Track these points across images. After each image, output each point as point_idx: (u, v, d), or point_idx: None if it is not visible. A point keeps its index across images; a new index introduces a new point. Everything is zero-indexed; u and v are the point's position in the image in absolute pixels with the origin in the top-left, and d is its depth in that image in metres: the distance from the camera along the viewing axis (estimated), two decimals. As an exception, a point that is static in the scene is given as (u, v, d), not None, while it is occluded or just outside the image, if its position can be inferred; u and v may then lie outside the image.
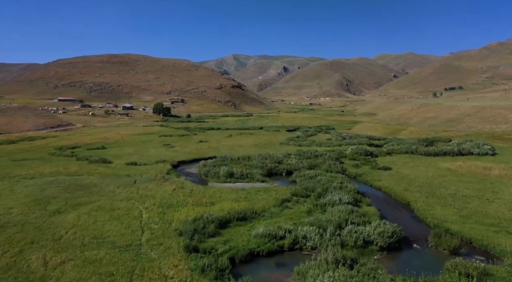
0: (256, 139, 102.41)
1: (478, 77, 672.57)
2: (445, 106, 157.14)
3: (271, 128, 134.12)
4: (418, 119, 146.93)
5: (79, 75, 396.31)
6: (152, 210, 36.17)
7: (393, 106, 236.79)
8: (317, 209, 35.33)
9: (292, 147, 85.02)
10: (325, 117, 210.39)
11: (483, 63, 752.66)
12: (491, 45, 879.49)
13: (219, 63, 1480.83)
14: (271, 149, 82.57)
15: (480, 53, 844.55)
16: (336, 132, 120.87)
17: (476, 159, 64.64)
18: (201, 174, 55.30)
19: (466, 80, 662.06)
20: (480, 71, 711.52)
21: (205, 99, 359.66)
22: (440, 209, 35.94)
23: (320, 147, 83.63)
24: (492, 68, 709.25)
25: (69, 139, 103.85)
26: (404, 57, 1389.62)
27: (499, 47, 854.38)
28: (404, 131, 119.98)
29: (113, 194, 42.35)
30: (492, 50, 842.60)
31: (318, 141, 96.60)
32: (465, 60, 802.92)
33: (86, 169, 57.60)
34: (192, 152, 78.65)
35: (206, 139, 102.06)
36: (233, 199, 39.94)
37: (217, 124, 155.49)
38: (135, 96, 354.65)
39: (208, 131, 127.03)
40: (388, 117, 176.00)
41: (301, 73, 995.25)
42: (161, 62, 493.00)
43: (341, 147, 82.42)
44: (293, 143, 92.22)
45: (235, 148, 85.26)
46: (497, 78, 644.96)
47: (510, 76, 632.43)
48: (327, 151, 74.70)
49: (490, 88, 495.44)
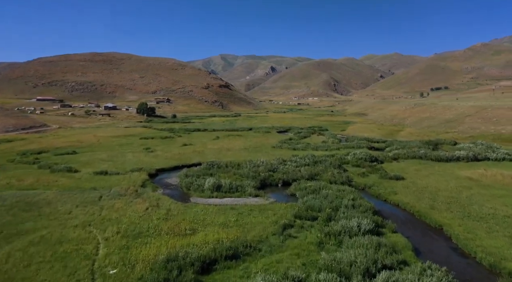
0: (245, 142, 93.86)
1: (463, 77, 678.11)
2: (440, 106, 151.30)
3: (261, 130, 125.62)
4: (414, 120, 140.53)
5: (61, 74, 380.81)
6: (113, 242, 27.37)
7: (383, 106, 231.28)
8: (330, 240, 27.01)
9: (286, 151, 76.72)
10: (315, 118, 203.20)
11: (467, 63, 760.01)
12: (475, 46, 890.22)
13: (206, 63, 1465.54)
14: (263, 153, 74.18)
15: (464, 54, 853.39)
16: (330, 133, 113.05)
17: (495, 165, 57.48)
18: (183, 186, 46.51)
19: (452, 81, 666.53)
20: (465, 71, 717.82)
21: (192, 99, 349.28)
22: (487, 237, 28.06)
23: (316, 151, 75.54)
24: (476, 69, 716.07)
25: (39, 142, 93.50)
26: (390, 58, 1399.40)
27: (483, 48, 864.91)
28: (402, 133, 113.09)
29: (68, 217, 33.35)
30: (476, 51, 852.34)
31: (313, 143, 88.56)
32: (450, 60, 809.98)
33: (44, 181, 48.21)
34: (174, 157, 69.64)
35: (191, 142, 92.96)
36: (221, 223, 31.40)
37: (203, 125, 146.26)
38: (119, 96, 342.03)
39: (194, 133, 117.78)
40: (381, 118, 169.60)
41: (288, 73, 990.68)
42: (146, 61, 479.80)
43: (340, 151, 74.51)
44: (287, 146, 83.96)
45: (223, 152, 76.57)
46: (482, 78, 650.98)
47: (494, 77, 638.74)
48: (325, 155, 66.67)
49: (477, 88, 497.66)
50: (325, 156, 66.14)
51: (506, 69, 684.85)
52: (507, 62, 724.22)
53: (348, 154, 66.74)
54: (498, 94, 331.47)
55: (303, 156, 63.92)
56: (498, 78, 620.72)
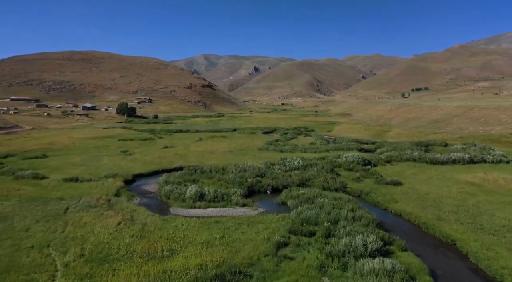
0: (230, 143, 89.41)
1: (443, 78, 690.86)
2: (426, 106, 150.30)
3: (246, 130, 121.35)
4: (400, 120, 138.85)
5: (37, 73, 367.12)
6: (74, 268, 22.70)
7: (368, 106, 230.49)
8: (332, 263, 23.02)
9: (273, 154, 72.62)
10: (300, 118, 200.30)
11: (446, 65, 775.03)
12: (454, 47, 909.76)
13: (189, 63, 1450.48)
14: (249, 156, 69.94)
15: (443, 55, 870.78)
16: (317, 134, 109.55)
17: (493, 168, 54.86)
18: (162, 195, 41.88)
19: (432, 81, 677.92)
20: (444, 72, 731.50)
21: (174, 99, 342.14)
22: (509, 256, 24.62)
23: (305, 153, 71.74)
24: (455, 70, 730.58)
25: (7, 145, 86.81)
26: (371, 59, 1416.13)
27: (461, 50, 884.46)
28: (390, 133, 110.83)
29: (24, 235, 28.40)
30: (454, 52, 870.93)
31: (300, 145, 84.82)
32: (430, 62, 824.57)
33: (4, 189, 42.73)
34: (154, 161, 64.67)
35: (172, 144, 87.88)
36: (204, 241, 27.04)
37: (186, 126, 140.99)
38: (99, 96, 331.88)
39: (176, 134, 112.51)
40: (367, 118, 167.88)
41: (272, 74, 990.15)
42: (127, 60, 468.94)
43: (330, 153, 70.92)
44: (273, 148, 79.89)
45: (206, 154, 71.98)
46: (460, 79, 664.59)
47: (471, 78, 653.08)
48: (315, 158, 62.87)
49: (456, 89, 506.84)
50: (315, 158, 62.36)
51: (483, 70, 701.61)
52: (484, 63, 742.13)
53: (339, 156, 63.10)
54: (478, 94, 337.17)
55: (292, 158, 60.02)
56: (475, 79, 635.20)
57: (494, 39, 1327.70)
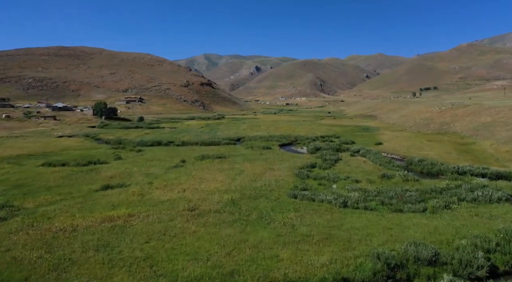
0: (231, 175, 49.04)
1: (451, 77, 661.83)
2: (498, 106, 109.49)
3: (255, 143, 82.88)
4: (470, 126, 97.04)
5: (18, 69, 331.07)
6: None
7: (395, 106, 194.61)
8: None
9: (327, 213, 36.69)
10: (317, 121, 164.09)
11: (455, 64, 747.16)
12: (461, 46, 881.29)
13: (189, 63, 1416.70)
14: (273, 224, 31.31)
15: (450, 54, 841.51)
16: (371, 153, 66.35)
17: None
18: None
19: (440, 81, 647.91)
20: (453, 71, 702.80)
21: (169, 98, 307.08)
22: None
23: (402, 214, 33.27)
24: (464, 69, 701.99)
25: None
26: (375, 58, 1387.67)
27: (469, 49, 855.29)
28: (478, 148, 73.80)
29: None
30: (462, 51, 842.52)
31: (361, 177, 48.67)
32: (436, 61, 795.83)
33: None
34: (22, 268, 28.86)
35: (123, 177, 47.02)
36: None
37: (171, 134, 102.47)
38: (84, 95, 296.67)
39: (147, 151, 71.53)
40: (408, 122, 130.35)
41: (274, 73, 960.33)
42: (119, 56, 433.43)
43: (447, 213, 35.51)
44: (316, 187, 43.38)
45: (178, 220, 35.70)
46: (470, 78, 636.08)
47: (482, 77, 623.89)
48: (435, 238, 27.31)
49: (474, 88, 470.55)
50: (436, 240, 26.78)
51: (493, 69, 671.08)
52: (495, 62, 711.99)
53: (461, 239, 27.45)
54: (509, 93, 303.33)
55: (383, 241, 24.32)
56: (486, 78, 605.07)
57: (498, 38, 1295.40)
